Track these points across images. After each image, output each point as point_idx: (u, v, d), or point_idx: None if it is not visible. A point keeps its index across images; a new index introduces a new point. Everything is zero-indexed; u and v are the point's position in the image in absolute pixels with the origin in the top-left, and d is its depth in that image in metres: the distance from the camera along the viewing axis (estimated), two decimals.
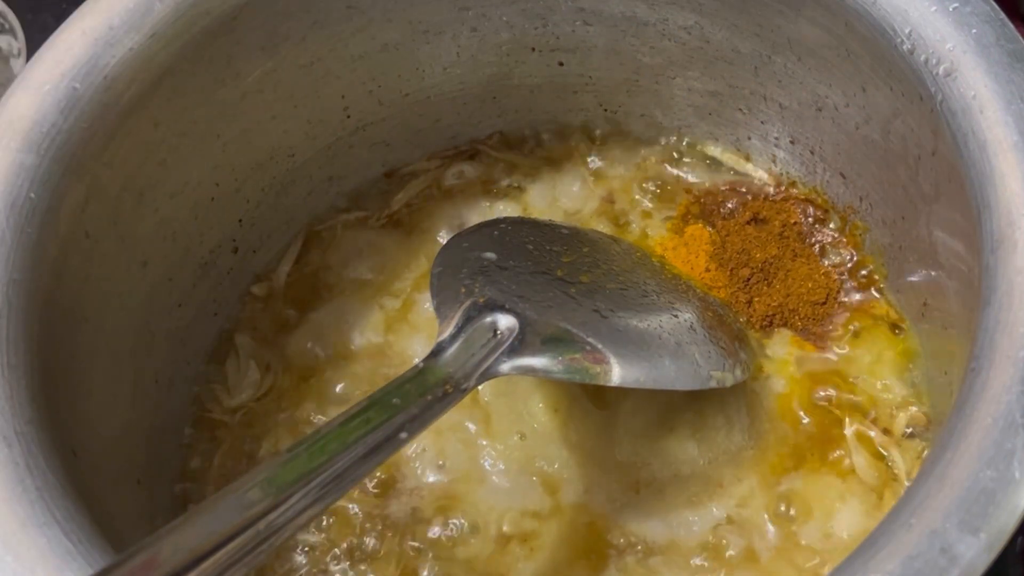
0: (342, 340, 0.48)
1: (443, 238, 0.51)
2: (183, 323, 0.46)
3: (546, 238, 0.46)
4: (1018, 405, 0.30)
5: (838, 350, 0.46)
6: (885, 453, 0.43)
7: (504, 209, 0.52)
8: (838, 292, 0.47)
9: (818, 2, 0.41)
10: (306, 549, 0.43)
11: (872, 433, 0.44)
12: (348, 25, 0.46)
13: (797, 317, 0.47)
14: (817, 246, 0.48)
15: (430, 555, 0.42)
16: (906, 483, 0.42)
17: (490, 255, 0.44)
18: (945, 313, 0.41)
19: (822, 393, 0.45)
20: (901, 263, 0.46)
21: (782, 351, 0.46)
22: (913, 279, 0.45)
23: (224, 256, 0.48)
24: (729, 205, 0.50)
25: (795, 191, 0.50)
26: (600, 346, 0.40)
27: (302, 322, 0.49)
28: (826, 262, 0.48)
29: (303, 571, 0.43)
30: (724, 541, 0.42)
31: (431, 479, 0.44)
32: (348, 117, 0.50)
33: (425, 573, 0.42)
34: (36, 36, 0.57)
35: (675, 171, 0.52)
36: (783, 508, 0.42)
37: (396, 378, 0.36)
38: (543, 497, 0.43)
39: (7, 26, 0.60)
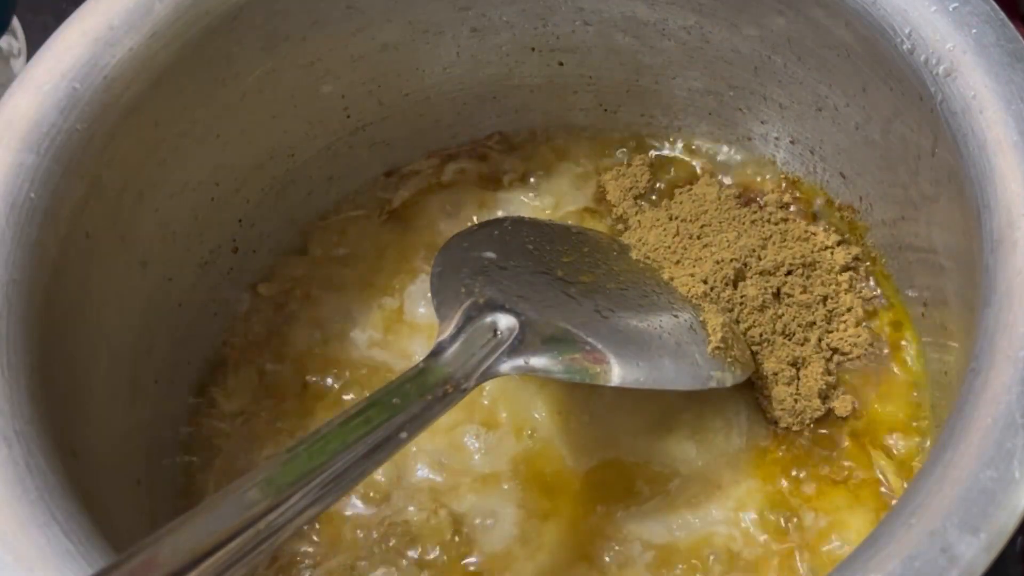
0: (342, 340, 0.49)
1: (442, 237, 0.51)
2: (183, 323, 0.46)
3: (546, 238, 0.46)
4: (1018, 405, 0.30)
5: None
6: (885, 454, 0.43)
7: (504, 208, 0.52)
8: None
9: (818, 2, 0.41)
10: (304, 550, 0.43)
11: (872, 435, 0.44)
12: (348, 25, 0.46)
13: None
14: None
15: (429, 556, 0.42)
16: (904, 486, 0.42)
17: (490, 255, 0.44)
18: (945, 313, 0.41)
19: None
20: (901, 263, 0.46)
21: None
22: (913, 279, 0.45)
23: (224, 256, 0.48)
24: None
25: (795, 191, 0.50)
26: (600, 346, 0.40)
27: (302, 322, 0.49)
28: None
29: (301, 572, 0.43)
30: (723, 542, 0.42)
31: (431, 479, 0.44)
32: (348, 117, 0.50)
33: (425, 574, 0.42)
34: (36, 36, 0.57)
35: (675, 171, 0.52)
36: (782, 511, 0.42)
37: (396, 378, 0.36)
38: (543, 497, 0.43)
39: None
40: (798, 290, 0.46)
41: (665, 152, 0.53)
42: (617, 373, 0.40)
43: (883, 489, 0.42)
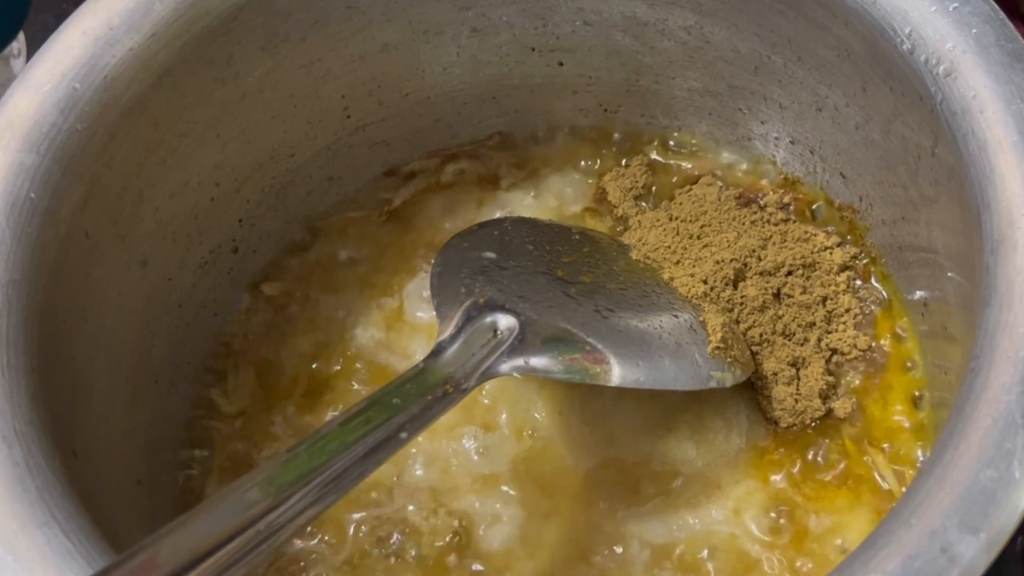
0: (342, 340, 0.49)
1: (442, 237, 0.51)
2: (183, 323, 0.46)
3: (546, 238, 0.46)
4: (1018, 405, 0.30)
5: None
6: (885, 454, 0.43)
7: (503, 208, 0.52)
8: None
9: (818, 2, 0.41)
10: (304, 550, 0.43)
11: (872, 435, 0.44)
12: (348, 25, 0.46)
13: None
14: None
15: (429, 556, 0.42)
16: (904, 486, 0.42)
17: (490, 255, 0.44)
18: (945, 313, 0.41)
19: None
20: (901, 263, 0.46)
21: None
22: (913, 279, 0.45)
23: (224, 256, 0.48)
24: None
25: (795, 191, 0.50)
26: (600, 346, 0.40)
27: (302, 323, 0.49)
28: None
29: (301, 572, 0.43)
30: (723, 542, 0.42)
31: (430, 480, 0.44)
32: (348, 117, 0.50)
33: (424, 574, 0.42)
34: (36, 36, 0.57)
35: (675, 171, 0.52)
36: (782, 511, 0.42)
37: (396, 378, 0.36)
38: (543, 497, 0.43)
39: None
40: (798, 290, 0.46)
41: (665, 152, 0.53)
42: (617, 373, 0.40)
43: (883, 489, 0.42)
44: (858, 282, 0.47)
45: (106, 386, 0.40)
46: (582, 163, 0.53)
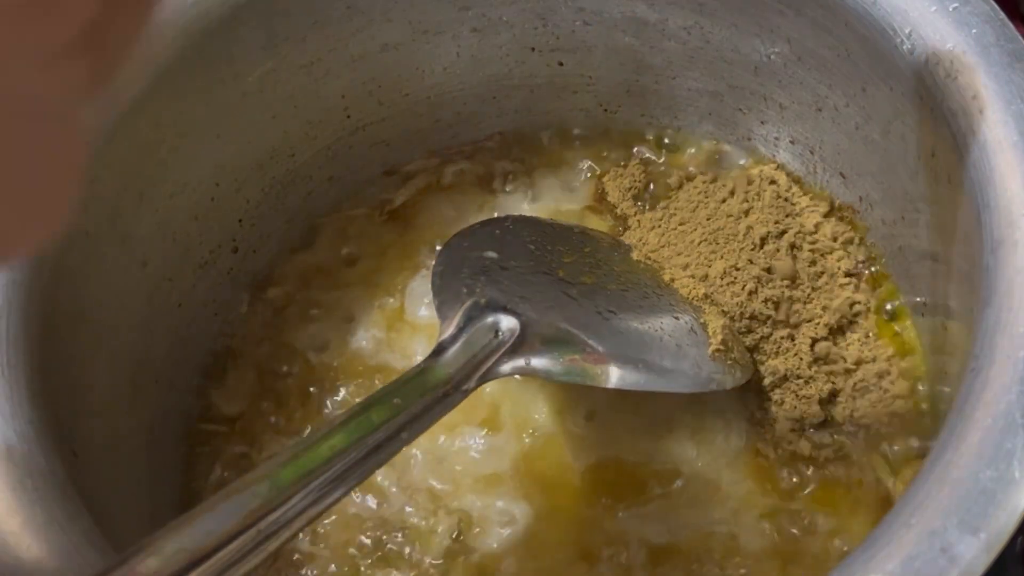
0: (343, 339, 0.48)
1: (443, 237, 0.51)
2: (183, 323, 0.46)
3: (547, 238, 0.46)
4: (1018, 405, 0.30)
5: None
6: (884, 456, 0.43)
7: (503, 208, 0.52)
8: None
9: (818, 2, 0.41)
10: (304, 550, 0.43)
11: (871, 437, 0.44)
12: (348, 25, 0.46)
13: None
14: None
15: (428, 556, 0.42)
16: (903, 487, 0.42)
17: (491, 255, 0.44)
18: (945, 313, 0.41)
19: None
20: (901, 263, 0.46)
21: None
22: (913, 279, 0.45)
23: (224, 256, 0.48)
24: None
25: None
26: (601, 347, 0.40)
27: (302, 322, 0.49)
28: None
29: (301, 572, 0.43)
30: (723, 543, 0.42)
31: (430, 480, 0.44)
32: (348, 117, 0.50)
33: (424, 575, 0.42)
34: None
35: (675, 171, 0.52)
36: (781, 512, 0.42)
37: (397, 378, 0.36)
38: (543, 497, 0.43)
39: None
40: (798, 291, 0.46)
41: (665, 153, 0.53)
42: (617, 375, 0.40)
43: (882, 491, 0.42)
44: (858, 283, 0.47)
45: (106, 386, 0.40)
46: (582, 163, 0.53)
